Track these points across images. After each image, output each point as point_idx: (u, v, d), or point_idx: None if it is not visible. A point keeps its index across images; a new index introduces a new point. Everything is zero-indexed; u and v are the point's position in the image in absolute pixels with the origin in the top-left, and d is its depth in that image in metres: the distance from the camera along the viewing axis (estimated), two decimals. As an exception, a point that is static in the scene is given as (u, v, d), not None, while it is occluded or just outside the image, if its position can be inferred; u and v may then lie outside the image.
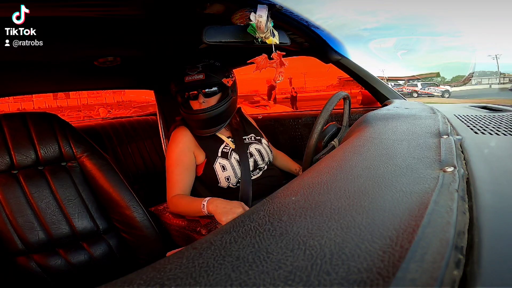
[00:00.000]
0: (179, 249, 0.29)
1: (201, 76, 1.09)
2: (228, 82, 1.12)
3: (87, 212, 0.98)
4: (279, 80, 0.89)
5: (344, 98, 1.05)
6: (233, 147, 1.14)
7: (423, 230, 0.21)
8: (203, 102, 1.10)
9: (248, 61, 0.90)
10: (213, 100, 1.12)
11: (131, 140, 1.96)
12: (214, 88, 1.12)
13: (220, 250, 0.24)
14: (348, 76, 1.34)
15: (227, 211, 0.90)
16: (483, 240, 0.20)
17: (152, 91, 1.85)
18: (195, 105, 1.12)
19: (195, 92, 1.10)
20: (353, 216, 0.25)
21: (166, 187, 1.11)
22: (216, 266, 0.22)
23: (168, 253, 0.91)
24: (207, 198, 0.96)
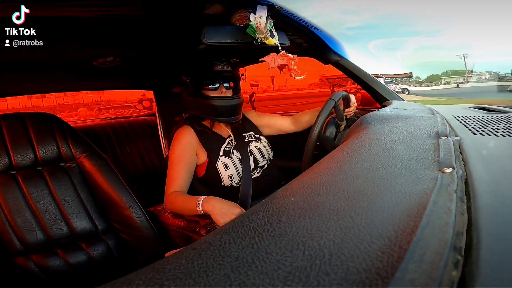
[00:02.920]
0: (178, 249, 0.29)
1: (229, 68, 1.13)
2: (242, 77, 1.19)
3: (85, 212, 0.98)
4: (299, 76, 0.91)
5: (344, 98, 1.06)
6: (234, 145, 1.15)
7: (421, 231, 0.21)
8: (222, 92, 1.13)
9: (260, 59, 0.92)
10: (229, 93, 1.14)
11: (130, 140, 1.96)
12: (237, 82, 1.17)
13: (219, 250, 0.24)
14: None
15: (224, 212, 0.89)
16: (481, 240, 0.20)
17: (151, 91, 1.85)
18: (214, 94, 1.13)
19: (219, 81, 1.12)
20: (352, 216, 0.25)
21: (166, 183, 1.11)
22: (215, 267, 0.22)
23: (167, 254, 0.91)
24: (203, 197, 0.94)
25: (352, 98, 1.12)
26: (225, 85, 1.13)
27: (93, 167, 1.00)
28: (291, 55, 0.90)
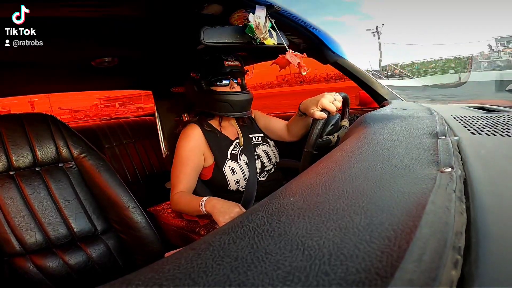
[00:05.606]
0: (178, 249, 0.29)
1: (238, 63, 1.12)
2: (247, 74, 1.19)
3: (84, 213, 0.98)
4: (305, 72, 0.92)
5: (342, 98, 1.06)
6: (241, 148, 1.14)
7: (421, 231, 0.21)
8: (233, 88, 1.12)
9: (271, 63, 0.93)
10: (238, 89, 1.14)
11: (129, 141, 1.96)
12: (244, 78, 1.17)
13: (218, 250, 0.24)
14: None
15: (224, 210, 0.90)
16: (480, 240, 0.20)
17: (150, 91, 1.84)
18: (224, 90, 1.12)
19: (229, 77, 1.12)
20: (351, 216, 0.25)
21: (171, 183, 1.11)
22: (214, 267, 0.22)
23: (167, 254, 0.91)
24: (205, 198, 0.96)
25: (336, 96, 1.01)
26: (234, 81, 1.13)
27: (92, 168, 1.00)
28: (301, 54, 0.91)
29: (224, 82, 1.11)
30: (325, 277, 0.19)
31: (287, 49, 0.90)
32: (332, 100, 0.97)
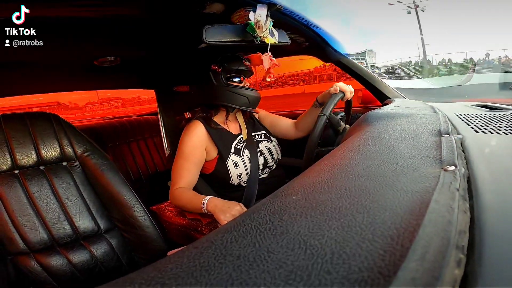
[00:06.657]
0: (180, 248, 0.29)
1: (248, 63, 1.17)
2: None
3: (88, 211, 0.99)
4: (269, 79, 0.94)
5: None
6: (245, 144, 1.15)
7: (424, 229, 0.21)
8: (246, 85, 1.17)
9: (245, 56, 0.93)
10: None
11: (132, 139, 1.97)
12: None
13: (221, 249, 0.24)
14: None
15: (225, 209, 0.91)
16: (484, 239, 0.20)
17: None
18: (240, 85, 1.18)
19: (241, 75, 1.17)
20: (354, 215, 0.25)
21: (171, 178, 1.11)
22: (217, 266, 0.22)
23: (169, 253, 0.91)
24: (208, 197, 0.96)
25: (343, 87, 1.09)
26: (245, 79, 1.19)
27: (96, 166, 1.01)
28: (276, 61, 0.94)
29: (238, 79, 1.15)
30: (327, 276, 0.19)
31: (268, 50, 0.91)
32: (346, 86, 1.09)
